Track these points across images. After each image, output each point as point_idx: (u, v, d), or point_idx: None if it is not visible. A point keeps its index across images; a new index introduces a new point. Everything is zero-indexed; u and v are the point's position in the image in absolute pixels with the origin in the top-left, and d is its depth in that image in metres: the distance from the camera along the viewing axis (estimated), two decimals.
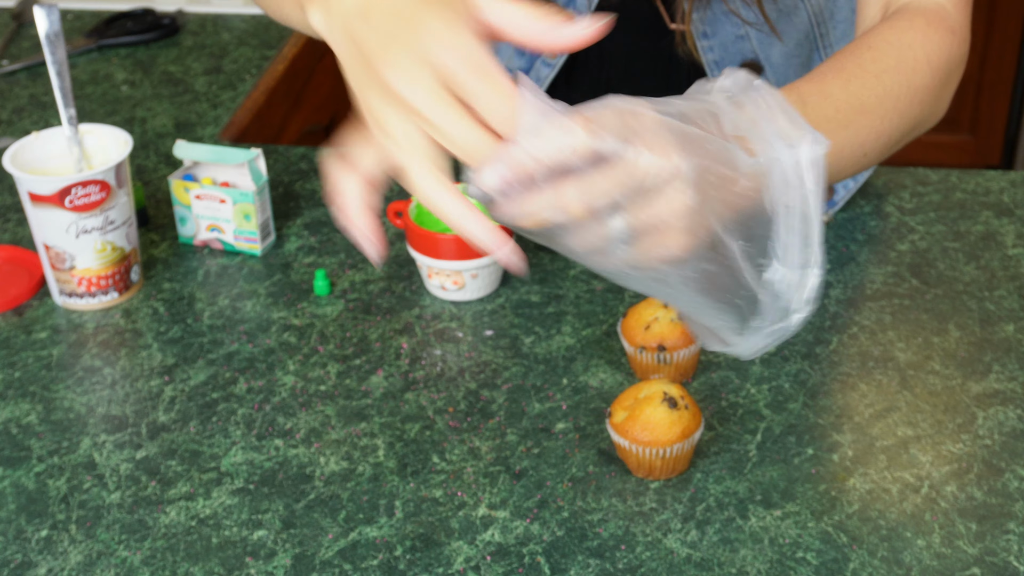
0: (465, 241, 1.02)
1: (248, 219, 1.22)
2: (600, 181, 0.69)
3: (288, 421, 1.04)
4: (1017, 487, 0.96)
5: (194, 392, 1.07)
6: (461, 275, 1.15)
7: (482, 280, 1.16)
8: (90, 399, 1.07)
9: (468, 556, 0.91)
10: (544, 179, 0.69)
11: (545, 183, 0.70)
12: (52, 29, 1.13)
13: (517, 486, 0.97)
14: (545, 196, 0.70)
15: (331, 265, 1.22)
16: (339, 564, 0.91)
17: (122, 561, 0.92)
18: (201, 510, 0.96)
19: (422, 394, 1.06)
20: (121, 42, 1.67)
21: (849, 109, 0.90)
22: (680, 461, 0.97)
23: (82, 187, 1.11)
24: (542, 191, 0.70)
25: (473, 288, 1.16)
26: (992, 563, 0.90)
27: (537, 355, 1.10)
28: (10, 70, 1.62)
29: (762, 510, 0.95)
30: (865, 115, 0.92)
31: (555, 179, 0.69)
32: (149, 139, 1.45)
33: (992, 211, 1.28)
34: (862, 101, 0.92)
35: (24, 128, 1.48)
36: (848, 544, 0.92)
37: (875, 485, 0.97)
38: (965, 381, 1.07)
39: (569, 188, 0.69)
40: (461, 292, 1.16)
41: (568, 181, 0.69)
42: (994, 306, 1.15)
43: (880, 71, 0.95)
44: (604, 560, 0.91)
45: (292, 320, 1.15)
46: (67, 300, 1.17)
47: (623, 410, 0.97)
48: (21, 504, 0.97)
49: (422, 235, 1.15)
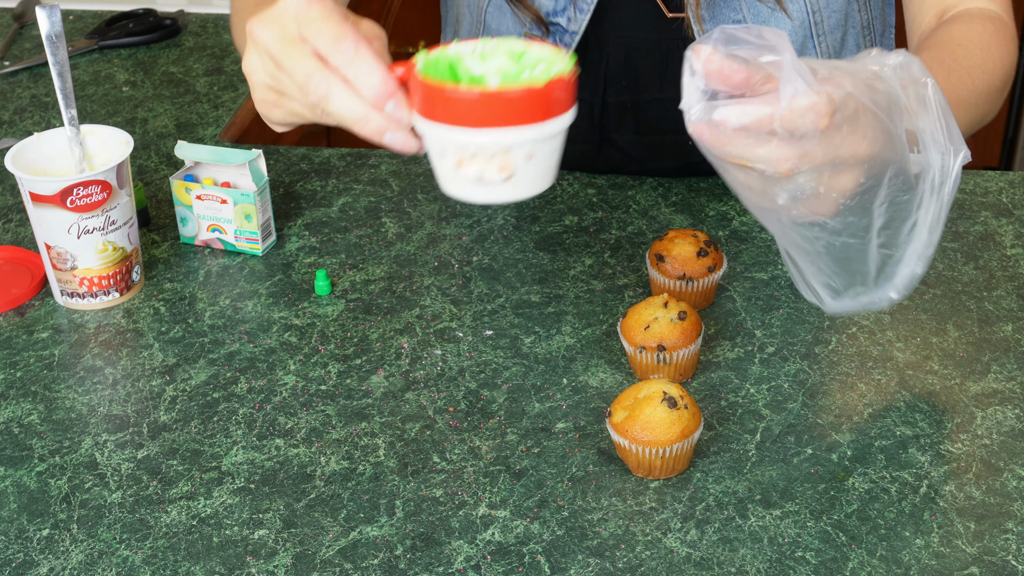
0: (514, 94, 0.76)
1: (249, 219, 1.22)
2: (816, 152, 0.78)
3: (289, 421, 1.04)
4: (1015, 487, 0.96)
5: (195, 392, 1.07)
6: (510, 154, 0.77)
7: (538, 164, 0.79)
8: (91, 399, 1.07)
9: (468, 555, 0.92)
10: (775, 136, 0.77)
11: (772, 139, 0.77)
12: (53, 30, 1.13)
13: (517, 486, 0.97)
14: (768, 147, 0.78)
15: (332, 265, 1.23)
16: (340, 563, 0.91)
17: (123, 560, 0.92)
18: (202, 509, 0.96)
19: (422, 394, 1.07)
20: (122, 43, 1.67)
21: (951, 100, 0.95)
22: (680, 461, 0.97)
23: (83, 187, 1.12)
24: (765, 142, 0.77)
25: (526, 178, 0.79)
26: (991, 562, 0.90)
27: (537, 355, 1.11)
28: (12, 71, 1.62)
29: (761, 509, 0.95)
30: (958, 108, 0.97)
31: (776, 136, 0.77)
32: (150, 140, 1.45)
33: (991, 211, 1.28)
34: (959, 95, 1.00)
35: (26, 129, 1.48)
36: (847, 543, 0.92)
37: (874, 485, 0.97)
38: (964, 381, 1.07)
39: (790, 147, 0.77)
40: (508, 186, 0.79)
41: (789, 141, 0.77)
42: (993, 306, 1.15)
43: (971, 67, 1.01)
44: (604, 559, 0.91)
45: (293, 320, 1.15)
46: (68, 300, 1.18)
47: (623, 410, 0.97)
48: (23, 503, 0.97)
49: (442, 94, 0.78)
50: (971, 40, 1.04)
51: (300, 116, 0.89)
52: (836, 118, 0.77)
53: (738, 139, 0.78)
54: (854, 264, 0.88)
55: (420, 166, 1.38)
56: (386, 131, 0.82)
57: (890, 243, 0.88)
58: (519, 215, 1.29)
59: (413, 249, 1.25)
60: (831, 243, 0.86)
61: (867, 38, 1.28)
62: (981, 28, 1.06)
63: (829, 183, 0.81)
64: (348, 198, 1.33)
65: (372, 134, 0.83)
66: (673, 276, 1.12)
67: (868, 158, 0.80)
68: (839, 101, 0.77)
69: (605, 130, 1.32)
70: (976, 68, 1.02)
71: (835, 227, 0.85)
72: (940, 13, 1.10)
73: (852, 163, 0.80)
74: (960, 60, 1.01)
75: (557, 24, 1.25)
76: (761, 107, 0.76)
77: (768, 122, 0.77)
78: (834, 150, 0.79)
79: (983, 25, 1.06)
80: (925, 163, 0.84)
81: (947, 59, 1.01)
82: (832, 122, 0.77)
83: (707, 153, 0.82)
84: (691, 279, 1.11)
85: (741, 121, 0.77)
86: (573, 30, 1.25)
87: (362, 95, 0.81)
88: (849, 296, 0.89)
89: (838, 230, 0.85)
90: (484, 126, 0.77)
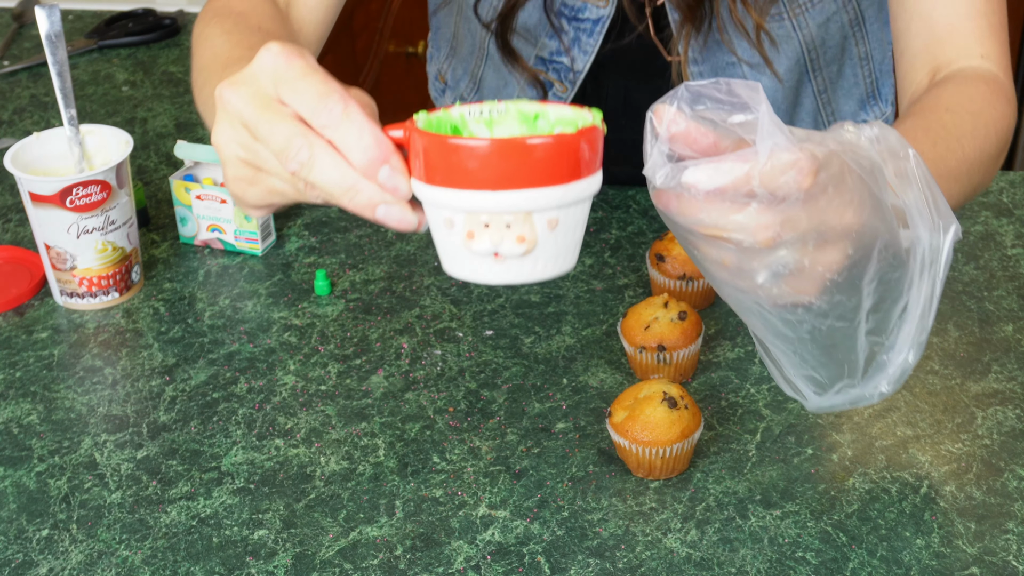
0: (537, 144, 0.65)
1: (248, 219, 1.22)
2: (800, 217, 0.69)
3: (288, 421, 1.04)
4: (1016, 487, 0.96)
5: (195, 392, 1.07)
6: (531, 221, 0.64)
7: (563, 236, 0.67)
8: (91, 399, 1.07)
9: (468, 556, 0.92)
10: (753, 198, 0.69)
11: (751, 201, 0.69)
12: (53, 29, 1.13)
13: (517, 486, 0.97)
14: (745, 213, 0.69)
15: (331, 265, 1.23)
16: (339, 564, 0.91)
17: (123, 561, 0.92)
18: (202, 510, 0.96)
19: (422, 394, 1.06)
20: (122, 42, 1.67)
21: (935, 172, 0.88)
22: (680, 461, 0.97)
23: (83, 187, 1.11)
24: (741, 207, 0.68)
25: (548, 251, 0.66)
26: (991, 563, 0.90)
27: (537, 355, 1.10)
28: (11, 70, 1.62)
29: (762, 510, 0.95)
30: (947, 180, 0.91)
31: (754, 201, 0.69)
32: (150, 139, 1.45)
33: (991, 211, 1.28)
34: (948, 165, 0.91)
35: (25, 128, 1.48)
36: (847, 544, 0.92)
37: (874, 485, 0.97)
38: (964, 381, 1.07)
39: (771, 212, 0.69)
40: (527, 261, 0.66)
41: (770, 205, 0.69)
42: (993, 306, 1.15)
43: (960, 135, 0.93)
44: (604, 560, 0.91)
45: (293, 320, 1.15)
46: (68, 300, 1.17)
47: (623, 410, 0.97)
48: (22, 504, 0.97)
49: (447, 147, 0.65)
50: (962, 105, 0.96)
51: (279, 194, 0.75)
52: (821, 177, 0.69)
53: (712, 205, 0.69)
54: (841, 353, 0.79)
55: None
56: (379, 204, 0.70)
57: (880, 328, 0.79)
58: None
59: (413, 249, 1.25)
60: (816, 327, 0.76)
61: (865, 68, 1.27)
62: (973, 91, 0.99)
63: (815, 256, 0.72)
64: None
65: (362, 208, 0.70)
66: (673, 276, 1.12)
67: (856, 227, 0.72)
68: (823, 159, 0.69)
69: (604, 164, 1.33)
70: (967, 136, 0.94)
71: (821, 308, 0.75)
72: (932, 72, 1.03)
73: (839, 232, 0.72)
74: (949, 127, 0.93)
75: (560, 64, 1.24)
76: (737, 164, 0.67)
77: (746, 182, 0.68)
78: (819, 215, 0.70)
79: (976, 87, 0.99)
80: (914, 239, 0.76)
81: (934, 126, 0.93)
82: (817, 181, 0.69)
83: (674, 227, 0.73)
84: (691, 279, 1.11)
85: (715, 183, 0.68)
86: (578, 69, 1.24)
87: (351, 160, 0.69)
88: (835, 391, 0.81)
89: (824, 311, 0.75)
90: (500, 187, 0.64)
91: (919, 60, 1.04)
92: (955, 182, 0.93)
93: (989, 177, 0.99)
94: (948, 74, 1.02)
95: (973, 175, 0.95)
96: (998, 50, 1.03)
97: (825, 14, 1.18)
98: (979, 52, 1.02)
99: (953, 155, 0.92)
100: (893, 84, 1.29)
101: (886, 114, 1.31)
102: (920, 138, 0.91)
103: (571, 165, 0.65)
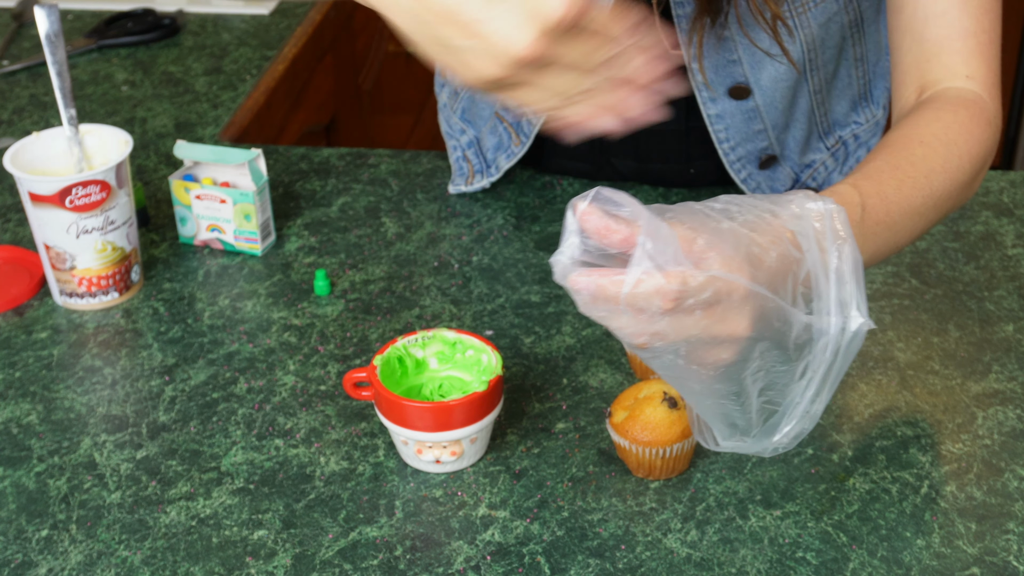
0: (460, 401, 0.95)
1: (248, 219, 1.22)
2: (668, 332, 0.77)
3: (288, 421, 1.04)
4: (1016, 487, 0.96)
5: (194, 392, 1.07)
6: (460, 443, 0.97)
7: (480, 442, 0.99)
8: (90, 399, 1.07)
9: (468, 556, 0.92)
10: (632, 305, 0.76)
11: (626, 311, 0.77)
12: (52, 29, 1.13)
13: (517, 486, 0.97)
14: (621, 320, 0.77)
15: (331, 265, 1.22)
16: (339, 564, 0.91)
17: (122, 561, 0.92)
18: (201, 510, 0.96)
19: None
20: (121, 42, 1.67)
21: (900, 212, 0.93)
22: (680, 461, 0.97)
23: (82, 187, 1.11)
24: (620, 313, 0.77)
25: (471, 454, 0.99)
26: (992, 563, 0.90)
27: (537, 355, 1.10)
28: (10, 70, 1.62)
29: (762, 510, 0.95)
30: (912, 217, 0.95)
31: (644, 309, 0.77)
32: (149, 139, 1.45)
33: (992, 211, 1.28)
34: (912, 203, 0.95)
35: (24, 128, 1.48)
36: (848, 544, 0.92)
37: (875, 485, 0.97)
38: (965, 381, 1.07)
39: (641, 324, 0.77)
40: (458, 462, 0.98)
41: (639, 319, 0.76)
42: (994, 306, 1.15)
43: (929, 171, 0.97)
44: (604, 560, 0.91)
45: (292, 320, 1.15)
46: (67, 300, 1.17)
47: (623, 410, 0.97)
48: (21, 504, 0.97)
49: (402, 405, 0.96)
50: (936, 136, 0.99)
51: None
52: (688, 303, 0.76)
53: (595, 306, 0.77)
54: (734, 418, 0.85)
55: (420, 166, 1.38)
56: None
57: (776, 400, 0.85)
58: (519, 215, 1.29)
59: (413, 249, 1.25)
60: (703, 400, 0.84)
61: (859, 69, 1.27)
62: (952, 118, 1.00)
63: (689, 358, 0.79)
64: (347, 198, 1.33)
65: None
66: None
67: (731, 339, 0.79)
68: (694, 287, 0.75)
69: (605, 154, 1.33)
70: (936, 171, 0.97)
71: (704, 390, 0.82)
72: (920, 90, 1.06)
73: (712, 343, 0.78)
74: (918, 163, 0.96)
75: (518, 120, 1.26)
76: (608, 285, 0.76)
77: (615, 300, 0.76)
78: (685, 332, 0.77)
79: (955, 114, 1.01)
80: (821, 329, 0.82)
81: (903, 164, 0.96)
82: (680, 306, 0.76)
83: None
84: None
85: (591, 291, 0.76)
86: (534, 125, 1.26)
87: None
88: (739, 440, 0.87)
89: (709, 392, 0.83)
90: (436, 430, 0.95)
91: (909, 76, 1.07)
92: (920, 218, 0.96)
93: (961, 202, 1.03)
94: (932, 95, 1.04)
95: (941, 207, 0.99)
96: (984, 70, 1.05)
97: (827, 14, 1.18)
98: (965, 72, 1.04)
99: (920, 193, 0.95)
100: (886, 87, 1.30)
101: (877, 117, 1.31)
102: (886, 180, 0.94)
103: (483, 409, 0.96)
